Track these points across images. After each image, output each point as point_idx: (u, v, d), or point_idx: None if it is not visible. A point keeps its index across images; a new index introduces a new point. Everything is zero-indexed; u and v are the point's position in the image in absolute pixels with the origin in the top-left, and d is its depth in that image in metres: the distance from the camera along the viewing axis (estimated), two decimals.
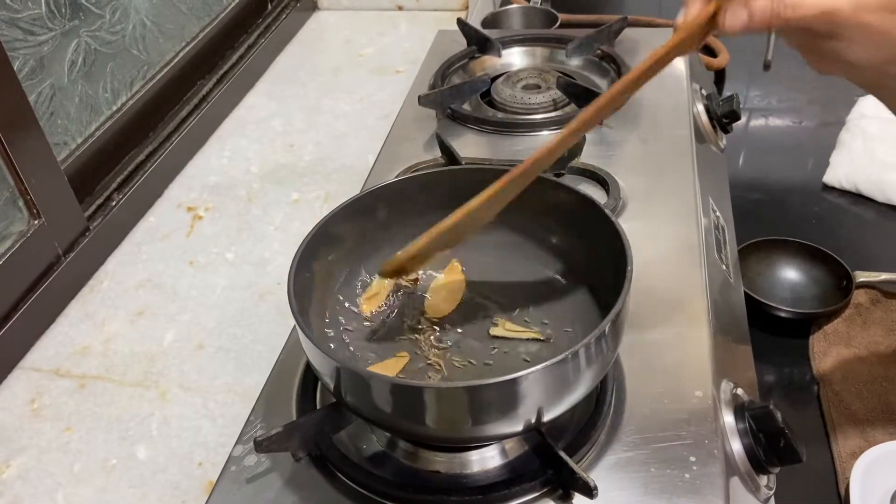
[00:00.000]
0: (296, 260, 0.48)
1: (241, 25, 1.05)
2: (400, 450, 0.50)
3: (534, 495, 0.46)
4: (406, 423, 0.44)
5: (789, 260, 0.82)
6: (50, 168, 0.71)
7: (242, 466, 0.49)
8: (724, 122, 0.82)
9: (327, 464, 0.48)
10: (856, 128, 1.00)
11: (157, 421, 0.61)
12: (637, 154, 0.73)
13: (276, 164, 0.89)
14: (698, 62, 0.96)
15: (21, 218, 0.68)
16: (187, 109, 0.91)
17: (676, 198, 0.67)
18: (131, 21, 0.83)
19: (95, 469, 0.57)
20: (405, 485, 0.47)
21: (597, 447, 0.48)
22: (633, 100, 0.80)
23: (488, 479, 0.48)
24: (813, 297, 0.79)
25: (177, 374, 0.64)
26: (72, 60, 0.75)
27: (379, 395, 0.43)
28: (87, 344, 0.68)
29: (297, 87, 1.04)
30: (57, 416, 0.62)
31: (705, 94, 0.84)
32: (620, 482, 0.46)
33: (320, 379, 0.48)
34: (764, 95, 1.16)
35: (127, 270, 0.76)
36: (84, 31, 0.76)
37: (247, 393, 0.62)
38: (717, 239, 0.68)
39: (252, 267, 0.75)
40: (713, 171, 0.77)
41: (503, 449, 0.49)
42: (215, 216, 0.82)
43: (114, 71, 0.81)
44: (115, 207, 0.78)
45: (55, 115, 0.73)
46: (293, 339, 0.57)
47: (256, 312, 0.70)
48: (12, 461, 0.58)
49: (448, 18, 1.12)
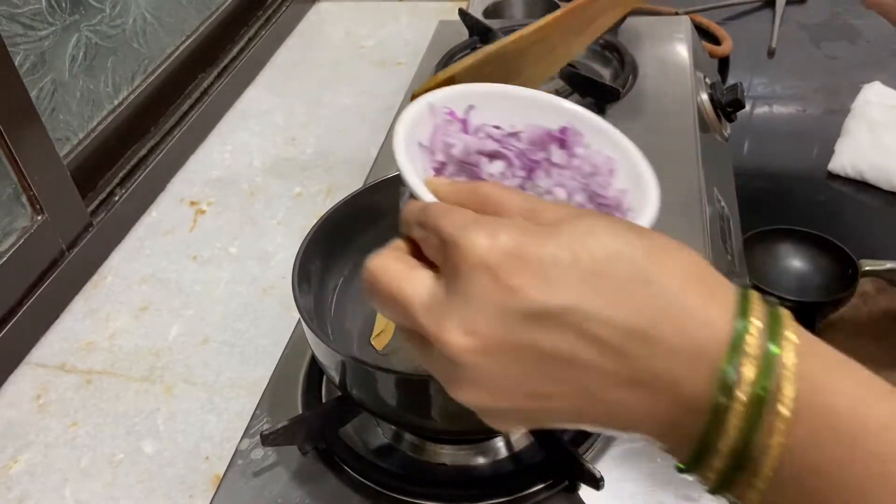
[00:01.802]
0: (300, 254, 0.48)
1: (240, 18, 1.04)
2: (406, 442, 0.50)
3: (540, 486, 0.46)
4: (412, 416, 0.44)
5: (794, 249, 0.82)
6: (52, 163, 0.70)
7: (249, 460, 0.49)
8: (728, 111, 0.81)
9: (333, 457, 0.48)
10: (861, 115, 0.99)
11: (163, 416, 0.61)
12: (640, 144, 0.72)
13: (278, 157, 0.89)
14: (702, 50, 0.95)
15: (24, 214, 0.68)
16: (188, 103, 0.91)
17: (680, 188, 0.67)
18: (131, 15, 0.82)
19: (102, 464, 0.58)
20: (411, 477, 0.48)
21: (602, 438, 0.48)
22: (635, 89, 0.80)
23: (494, 471, 0.48)
24: (818, 286, 0.79)
25: (182, 368, 0.65)
26: (73, 55, 0.74)
27: (384, 388, 0.43)
28: (92, 339, 0.68)
29: (297, 79, 1.03)
30: (63, 412, 0.62)
31: (709, 82, 0.84)
32: (626, 473, 0.46)
33: (326, 372, 0.48)
34: (768, 83, 1.16)
35: (130, 266, 0.76)
36: (84, 26, 0.76)
37: (252, 387, 0.62)
38: (721, 229, 0.67)
39: (255, 261, 0.75)
40: (717, 160, 0.77)
41: (509, 441, 0.49)
42: (218, 210, 0.82)
43: (115, 65, 0.80)
44: (117, 202, 0.78)
45: (57, 110, 0.73)
46: (298, 332, 0.57)
47: (260, 307, 0.70)
48: (19, 456, 0.59)
49: (449, 9, 1.11)
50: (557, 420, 0.27)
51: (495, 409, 0.27)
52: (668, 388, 0.24)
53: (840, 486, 0.23)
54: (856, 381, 0.24)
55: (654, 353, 0.24)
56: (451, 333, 0.25)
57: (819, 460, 0.23)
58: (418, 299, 0.27)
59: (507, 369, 0.25)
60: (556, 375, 0.25)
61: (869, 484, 0.23)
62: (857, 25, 1.26)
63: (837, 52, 1.20)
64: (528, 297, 0.24)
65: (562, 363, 0.25)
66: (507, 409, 0.27)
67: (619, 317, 0.24)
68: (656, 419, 0.25)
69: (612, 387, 0.25)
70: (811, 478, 0.23)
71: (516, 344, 0.25)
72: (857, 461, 0.23)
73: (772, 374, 0.23)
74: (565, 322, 0.24)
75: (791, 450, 0.23)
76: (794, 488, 0.24)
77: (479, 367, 0.25)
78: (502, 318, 0.25)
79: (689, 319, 0.24)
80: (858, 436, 0.23)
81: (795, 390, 0.23)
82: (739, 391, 0.23)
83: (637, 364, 0.24)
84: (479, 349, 0.25)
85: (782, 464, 0.23)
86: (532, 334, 0.25)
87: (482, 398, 0.26)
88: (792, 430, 0.23)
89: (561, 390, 0.25)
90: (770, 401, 0.23)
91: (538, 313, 0.25)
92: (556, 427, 0.29)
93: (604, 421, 0.27)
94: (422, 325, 0.26)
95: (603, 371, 0.25)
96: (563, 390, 0.25)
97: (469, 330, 0.25)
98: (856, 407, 0.23)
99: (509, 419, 0.28)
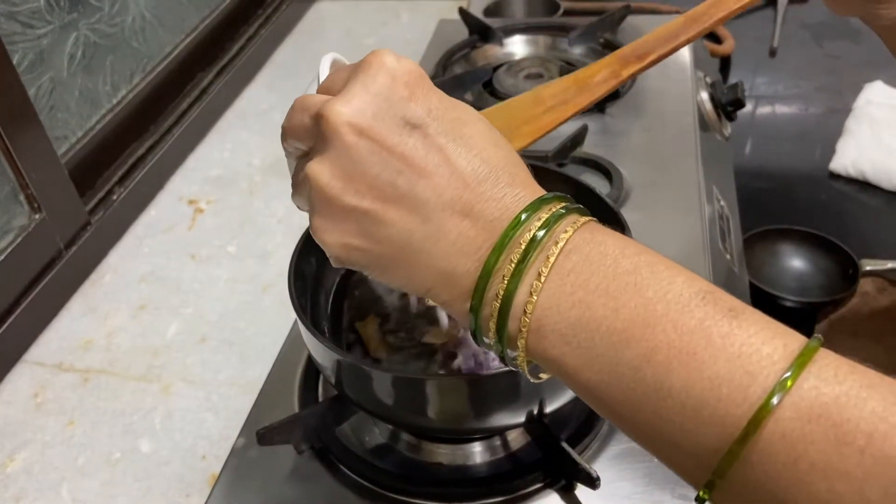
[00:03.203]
0: (296, 252, 0.48)
1: (240, 16, 1.04)
2: (402, 442, 0.50)
3: (536, 486, 0.45)
4: (408, 416, 0.44)
5: (795, 249, 0.82)
6: (50, 162, 0.70)
7: (245, 459, 0.49)
8: (729, 110, 0.81)
9: (330, 456, 0.48)
10: (862, 114, 0.99)
11: (160, 414, 0.61)
12: (640, 143, 0.73)
13: (278, 156, 0.88)
14: (702, 49, 0.95)
15: (22, 212, 0.68)
16: (187, 102, 0.91)
17: (680, 187, 0.66)
18: (130, 13, 0.82)
19: (100, 462, 0.57)
20: (408, 477, 0.47)
21: (599, 438, 0.48)
22: (635, 87, 0.80)
23: (491, 470, 0.48)
24: (819, 286, 0.79)
25: (180, 367, 0.64)
26: (71, 53, 0.74)
27: (380, 387, 0.42)
28: (90, 338, 0.68)
29: (297, 78, 1.03)
30: (60, 411, 0.62)
31: (710, 81, 0.84)
32: (623, 472, 0.46)
33: (322, 372, 0.48)
34: (770, 82, 1.15)
35: (129, 264, 0.76)
36: (83, 24, 0.76)
37: (250, 386, 0.62)
38: (721, 228, 0.67)
39: (254, 260, 0.75)
40: (717, 159, 0.77)
41: (505, 440, 0.49)
42: (217, 209, 0.82)
43: (113, 64, 0.80)
44: (116, 201, 0.78)
45: (55, 108, 0.73)
46: (295, 331, 0.57)
47: (259, 305, 0.69)
48: (16, 455, 0.59)
49: (449, 8, 1.11)
50: (383, 242, 0.29)
51: (341, 202, 0.29)
52: (486, 226, 0.28)
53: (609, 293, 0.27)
54: (616, 238, 0.28)
55: (489, 198, 0.28)
56: (342, 107, 0.29)
57: (592, 284, 0.27)
58: (323, 97, 0.30)
59: (369, 158, 0.28)
60: (406, 181, 0.28)
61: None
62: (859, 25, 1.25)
63: (839, 52, 1.20)
64: (413, 107, 0.29)
65: (416, 170, 0.28)
66: (349, 209, 0.29)
67: (477, 157, 0.29)
68: (465, 254, 0.29)
69: (447, 210, 0.28)
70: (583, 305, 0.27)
71: (387, 139, 0.28)
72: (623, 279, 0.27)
73: (553, 227, 0.28)
74: (433, 140, 0.29)
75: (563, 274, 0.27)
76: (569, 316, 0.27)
77: (348, 146, 0.28)
78: (388, 114, 0.29)
79: (509, 191, 0.29)
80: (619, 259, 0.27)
81: (567, 239, 0.27)
82: (527, 233, 0.28)
83: (475, 198, 0.28)
84: (358, 129, 0.28)
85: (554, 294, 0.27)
86: (404, 137, 0.29)
87: (336, 182, 0.29)
88: (558, 264, 0.27)
89: (403, 197, 0.29)
90: (543, 244, 0.27)
91: (415, 122, 0.29)
92: (373, 267, 0.31)
93: (423, 249, 0.29)
94: (316, 102, 0.30)
95: (445, 190, 0.28)
96: (405, 197, 0.29)
97: (358, 110, 0.29)
98: (622, 251, 0.28)
99: (342, 227, 0.30)
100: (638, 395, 0.26)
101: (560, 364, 0.27)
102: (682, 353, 0.25)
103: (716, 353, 0.24)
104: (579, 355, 0.27)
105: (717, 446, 0.24)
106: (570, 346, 0.27)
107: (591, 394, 0.27)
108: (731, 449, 0.24)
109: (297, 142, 0.32)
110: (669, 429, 0.25)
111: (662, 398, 0.25)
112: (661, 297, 0.26)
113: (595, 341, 0.26)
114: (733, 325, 0.25)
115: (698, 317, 0.25)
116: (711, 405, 0.24)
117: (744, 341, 0.24)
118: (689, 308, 0.25)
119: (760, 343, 0.24)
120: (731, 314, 0.25)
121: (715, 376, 0.24)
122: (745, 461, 0.24)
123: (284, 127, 0.32)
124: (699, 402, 0.24)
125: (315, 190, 0.30)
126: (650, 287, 0.26)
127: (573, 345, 0.27)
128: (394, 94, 0.29)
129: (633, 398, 0.26)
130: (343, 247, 0.30)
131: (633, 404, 0.26)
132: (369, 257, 0.30)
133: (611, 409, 0.27)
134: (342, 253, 0.30)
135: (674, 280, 0.26)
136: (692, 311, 0.25)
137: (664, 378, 0.25)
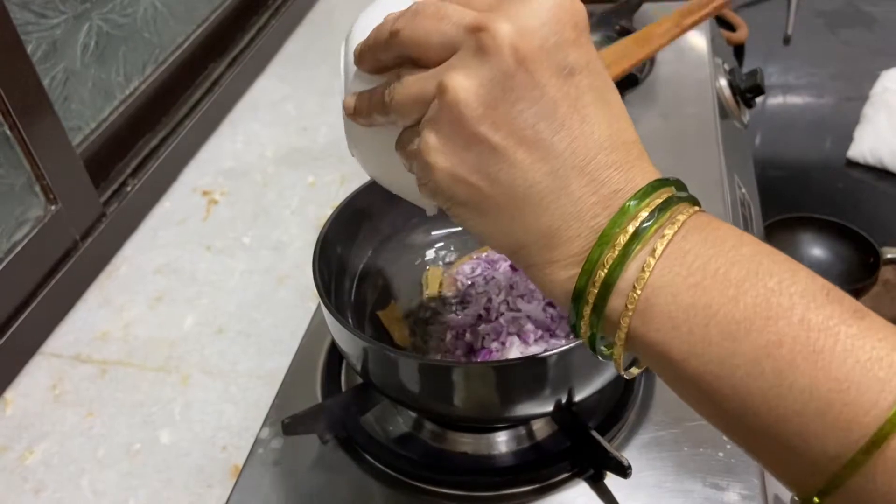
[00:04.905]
0: (320, 239, 0.48)
1: (250, 7, 1.03)
2: (426, 431, 0.49)
3: (564, 476, 0.45)
4: (434, 404, 0.44)
5: (814, 237, 0.81)
6: (65, 153, 0.70)
7: (269, 449, 0.49)
8: (748, 97, 0.80)
9: (354, 445, 0.48)
10: (880, 102, 0.97)
11: (179, 406, 0.60)
12: (659, 130, 0.72)
13: (291, 147, 0.88)
14: (720, 36, 0.94)
15: (38, 203, 0.68)
16: (199, 93, 0.90)
17: (701, 175, 0.66)
18: (142, 3, 0.82)
19: (119, 454, 0.57)
20: (432, 466, 0.47)
21: (627, 427, 0.47)
22: (653, 75, 0.79)
23: (516, 459, 0.47)
24: (839, 274, 0.78)
25: (197, 358, 0.64)
26: (84, 44, 0.74)
27: (407, 375, 0.42)
28: (107, 329, 0.68)
29: (308, 69, 1.02)
30: (79, 402, 0.61)
31: (728, 68, 0.83)
32: (653, 462, 0.45)
33: (347, 360, 0.48)
34: (783, 71, 1.14)
35: (144, 255, 0.75)
36: (96, 14, 0.75)
37: (268, 376, 0.61)
38: (743, 216, 0.66)
39: (269, 251, 0.74)
40: (737, 146, 0.76)
41: (530, 430, 0.49)
42: (231, 200, 0.81)
43: (126, 55, 0.80)
44: (130, 192, 0.77)
45: (69, 99, 0.72)
46: (316, 321, 0.57)
47: (276, 296, 0.69)
48: (35, 447, 0.58)
49: None
50: (499, 184, 0.27)
51: (472, 128, 0.26)
52: (608, 195, 0.27)
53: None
54: (731, 226, 0.27)
55: (619, 167, 0.27)
56: (510, 25, 0.26)
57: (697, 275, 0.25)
58: (468, 11, 0.27)
59: (521, 92, 0.26)
60: (548, 128, 0.26)
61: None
62: (874, 12, 1.24)
63: (853, 39, 1.18)
64: (576, 53, 0.26)
65: (560, 119, 0.26)
66: (478, 139, 0.27)
67: (615, 125, 0.28)
68: (579, 219, 0.27)
69: (576, 169, 0.26)
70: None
71: (543, 77, 0.26)
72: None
73: (664, 214, 0.26)
74: (583, 94, 0.27)
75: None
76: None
77: (506, 71, 0.26)
78: (553, 50, 0.26)
79: (638, 164, 0.28)
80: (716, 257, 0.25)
81: (684, 221, 0.26)
82: (632, 223, 0.26)
83: (606, 165, 0.27)
84: (521, 56, 0.26)
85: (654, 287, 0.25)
86: (560, 81, 0.26)
87: (478, 106, 0.26)
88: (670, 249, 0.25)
89: (539, 142, 0.26)
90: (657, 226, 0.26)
91: (574, 69, 0.26)
92: (471, 208, 0.28)
93: (539, 202, 0.27)
94: (468, 12, 0.27)
95: (581, 148, 0.27)
96: (540, 144, 0.26)
97: (526, 34, 0.26)
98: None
99: (461, 155, 0.27)
100: (752, 391, 0.24)
101: (663, 351, 0.25)
102: (807, 348, 0.23)
103: (844, 353, 0.23)
104: (688, 343, 0.24)
105: (837, 453, 0.22)
106: (679, 332, 0.25)
107: (696, 387, 0.25)
108: (854, 458, 0.22)
109: (424, 51, 0.28)
110: (785, 430, 0.23)
111: (782, 396, 0.23)
112: (784, 290, 0.24)
113: (710, 329, 0.24)
114: (861, 327, 0.23)
115: (825, 314, 0.23)
116: (837, 408, 0.22)
117: (874, 345, 0.23)
118: (816, 303, 0.24)
119: (890, 348, 0.23)
120: (857, 315, 0.24)
121: (844, 378, 0.22)
122: (868, 472, 0.22)
123: (400, 33, 0.28)
124: (824, 404, 0.23)
125: (449, 105, 0.26)
126: (773, 277, 0.24)
127: (683, 330, 0.24)
128: (563, 31, 0.26)
129: (746, 394, 0.24)
130: (451, 176, 0.27)
131: (745, 401, 0.24)
132: (476, 197, 0.27)
133: (716, 406, 0.25)
134: (446, 182, 0.27)
135: (797, 273, 0.25)
136: (819, 307, 0.24)
137: (786, 374, 0.23)
